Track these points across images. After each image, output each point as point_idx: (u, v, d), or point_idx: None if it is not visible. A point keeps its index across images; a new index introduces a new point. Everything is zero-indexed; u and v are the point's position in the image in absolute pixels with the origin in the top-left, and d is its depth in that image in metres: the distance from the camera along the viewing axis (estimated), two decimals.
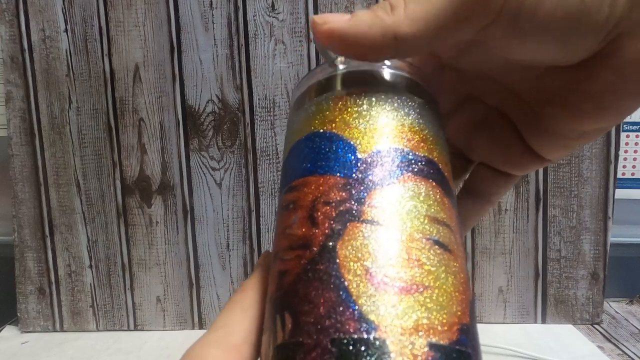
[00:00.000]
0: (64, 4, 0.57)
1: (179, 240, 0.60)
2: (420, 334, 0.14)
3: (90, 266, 0.60)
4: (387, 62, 0.21)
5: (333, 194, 0.17)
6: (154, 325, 0.61)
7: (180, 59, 0.57)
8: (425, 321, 0.14)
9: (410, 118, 0.19)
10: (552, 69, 0.18)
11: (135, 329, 0.61)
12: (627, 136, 0.66)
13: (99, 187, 0.59)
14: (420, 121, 0.19)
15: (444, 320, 0.14)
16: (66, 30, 0.57)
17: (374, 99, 0.19)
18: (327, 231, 0.16)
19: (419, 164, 0.18)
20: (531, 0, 0.15)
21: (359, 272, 0.15)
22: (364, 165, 0.17)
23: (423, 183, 0.17)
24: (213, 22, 0.57)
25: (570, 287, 0.59)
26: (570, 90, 0.18)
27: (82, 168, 0.59)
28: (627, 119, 0.65)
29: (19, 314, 0.61)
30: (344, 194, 0.17)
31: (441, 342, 0.14)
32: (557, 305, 0.59)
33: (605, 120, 0.18)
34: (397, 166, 0.17)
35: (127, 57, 0.57)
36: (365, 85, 0.20)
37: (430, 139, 0.19)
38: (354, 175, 0.17)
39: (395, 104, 0.19)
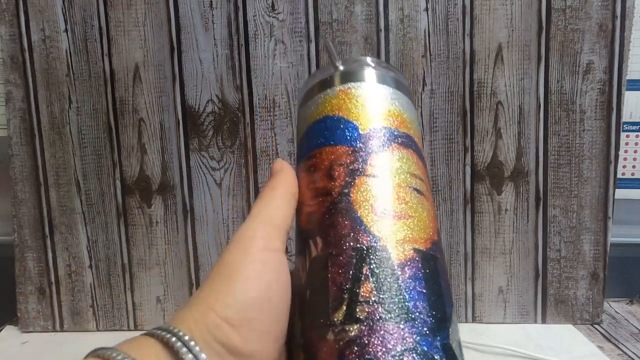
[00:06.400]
0: (64, 4, 0.57)
1: (179, 240, 0.60)
2: (407, 243, 0.21)
3: (90, 266, 0.60)
4: (374, 63, 0.27)
5: (344, 158, 0.23)
6: (154, 325, 0.61)
7: (180, 59, 0.57)
8: (410, 236, 0.21)
9: (394, 105, 0.26)
10: None
11: (135, 329, 0.61)
12: (627, 136, 0.66)
13: (99, 187, 0.59)
14: (401, 107, 0.26)
15: (421, 236, 0.22)
16: (66, 30, 0.57)
17: (368, 90, 0.26)
18: (342, 182, 0.23)
19: (401, 137, 0.25)
20: None
21: (366, 207, 0.22)
22: (364, 139, 0.24)
23: (405, 150, 0.24)
24: (213, 22, 0.57)
25: (570, 287, 0.59)
26: None
27: (82, 168, 0.59)
28: (627, 119, 0.65)
29: (19, 314, 0.61)
30: (352, 158, 0.23)
31: (420, 248, 0.21)
32: (557, 305, 0.59)
33: None
34: (387, 139, 0.24)
35: (127, 57, 0.57)
36: (361, 80, 0.26)
37: (408, 120, 0.26)
38: (358, 145, 0.24)
39: (384, 95, 0.26)
